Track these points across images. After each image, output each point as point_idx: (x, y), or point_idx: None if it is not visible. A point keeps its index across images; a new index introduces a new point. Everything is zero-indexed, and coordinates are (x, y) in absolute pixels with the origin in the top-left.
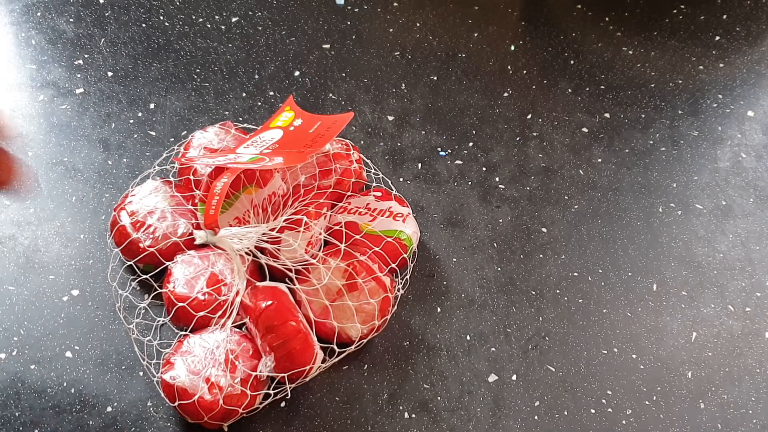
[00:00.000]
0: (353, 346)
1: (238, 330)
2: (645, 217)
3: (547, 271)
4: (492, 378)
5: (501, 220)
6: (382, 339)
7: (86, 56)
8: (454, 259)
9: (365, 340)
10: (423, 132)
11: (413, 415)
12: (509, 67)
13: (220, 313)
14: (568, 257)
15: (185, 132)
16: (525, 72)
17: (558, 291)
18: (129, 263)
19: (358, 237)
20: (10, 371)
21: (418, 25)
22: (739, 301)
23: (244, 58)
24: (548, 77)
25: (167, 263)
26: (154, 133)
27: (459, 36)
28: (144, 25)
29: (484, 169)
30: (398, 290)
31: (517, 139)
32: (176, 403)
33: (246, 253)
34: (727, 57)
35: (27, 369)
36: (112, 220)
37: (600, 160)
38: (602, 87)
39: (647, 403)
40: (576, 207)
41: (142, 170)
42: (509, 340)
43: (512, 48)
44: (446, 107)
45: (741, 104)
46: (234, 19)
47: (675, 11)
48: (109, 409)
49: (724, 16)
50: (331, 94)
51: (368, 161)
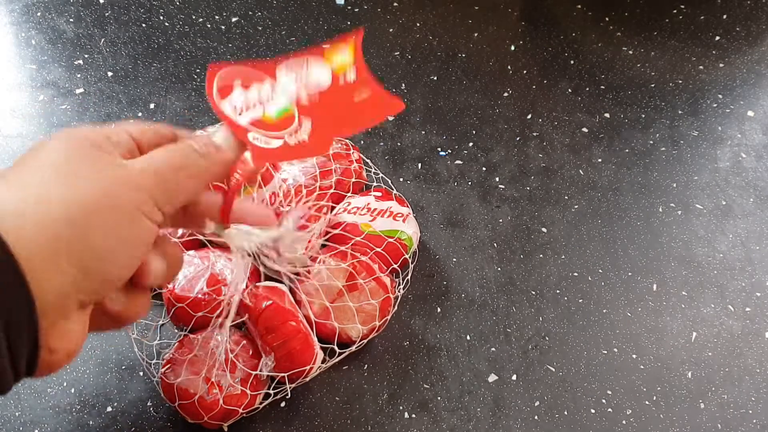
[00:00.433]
0: (354, 347)
1: (238, 330)
2: (645, 217)
3: (547, 271)
4: (492, 378)
5: (501, 220)
6: (382, 339)
7: (86, 56)
8: (454, 259)
9: (365, 341)
10: (423, 132)
11: (413, 415)
12: (509, 67)
13: (218, 312)
14: (568, 257)
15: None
16: (525, 72)
17: (558, 291)
18: None
19: (358, 238)
20: None
21: (418, 25)
22: (739, 301)
23: (244, 58)
24: (548, 77)
25: None
26: None
27: (459, 36)
28: (144, 25)
29: (484, 169)
30: (398, 290)
31: (517, 139)
32: (176, 403)
33: (248, 254)
34: (727, 57)
35: None
36: None
37: (600, 160)
38: (602, 87)
39: (647, 403)
40: (576, 207)
41: None
42: (509, 340)
43: (512, 48)
44: (446, 107)
45: (741, 104)
46: (234, 19)
47: (675, 11)
48: (109, 409)
49: (724, 16)
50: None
51: (368, 161)
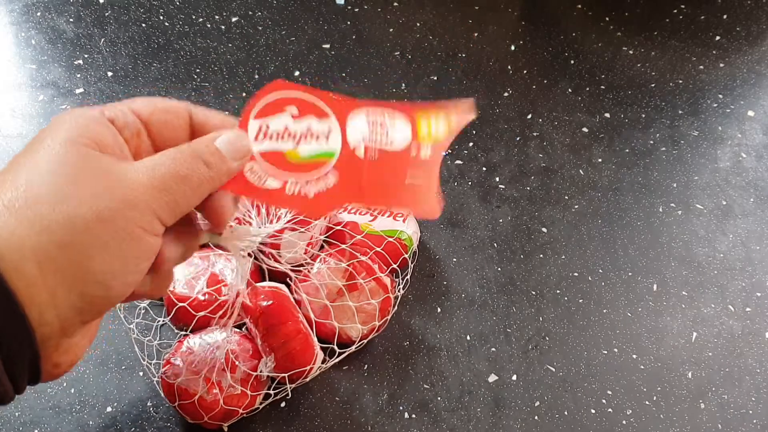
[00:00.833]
0: (354, 347)
1: (238, 330)
2: (645, 217)
3: (547, 271)
4: (492, 378)
5: (501, 220)
6: (382, 339)
7: (86, 56)
8: (454, 259)
9: (365, 341)
10: None
11: (413, 415)
12: (509, 67)
13: (220, 313)
14: (568, 257)
15: None
16: (525, 72)
17: (558, 291)
18: None
19: (358, 237)
20: None
21: (418, 25)
22: (740, 301)
23: (244, 58)
24: (548, 77)
25: None
26: None
27: (459, 36)
28: (144, 25)
29: (484, 169)
30: (398, 290)
31: (517, 139)
32: (176, 404)
33: (248, 254)
34: (728, 57)
35: None
36: None
37: (600, 160)
38: (602, 87)
39: (647, 403)
40: (576, 207)
41: None
42: (509, 340)
43: (512, 48)
44: None
45: (741, 104)
46: (234, 19)
47: (675, 11)
48: (109, 409)
49: (725, 16)
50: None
51: None
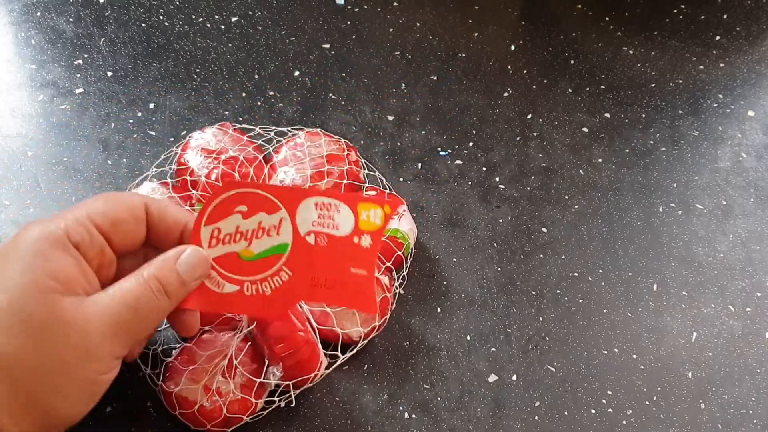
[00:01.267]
0: (355, 348)
1: (240, 336)
2: (645, 217)
3: (547, 271)
4: (492, 378)
5: (501, 220)
6: (382, 339)
7: (86, 56)
8: (454, 259)
9: (366, 341)
10: (423, 132)
11: (413, 415)
12: (509, 67)
13: (219, 319)
14: (568, 257)
15: (185, 132)
16: (525, 72)
17: (558, 291)
18: None
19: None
20: None
21: (418, 25)
22: (740, 301)
23: (244, 58)
24: (548, 77)
25: None
26: (153, 133)
27: (459, 36)
28: (144, 25)
29: (484, 169)
30: (396, 288)
31: (517, 139)
32: (177, 412)
33: None
34: (728, 57)
35: None
36: None
37: (600, 160)
38: (602, 87)
39: (647, 403)
40: (576, 207)
41: (142, 170)
42: (509, 340)
43: (512, 48)
44: (446, 107)
45: (741, 104)
46: (234, 19)
47: (675, 11)
48: (109, 409)
49: (725, 16)
50: (331, 94)
51: (364, 161)
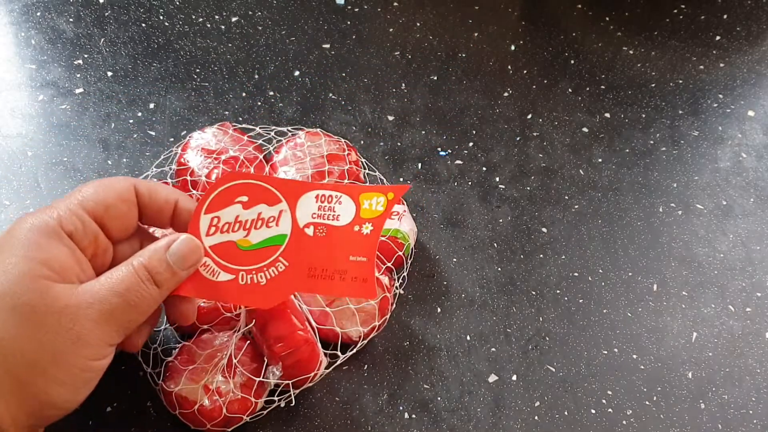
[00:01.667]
0: (355, 348)
1: (239, 335)
2: (645, 217)
3: (547, 271)
4: (492, 378)
5: (501, 220)
6: (382, 339)
7: (86, 56)
8: (454, 259)
9: (366, 341)
10: (423, 132)
11: (413, 416)
12: (509, 67)
13: (218, 319)
14: (568, 257)
15: (185, 132)
16: (525, 72)
17: (558, 291)
18: None
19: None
20: None
21: (418, 25)
22: (740, 302)
23: (244, 58)
24: (548, 77)
25: None
26: (153, 133)
27: (459, 36)
28: (144, 25)
29: (484, 169)
30: (397, 289)
31: (518, 139)
32: (177, 412)
33: None
34: (728, 57)
35: None
36: None
37: (600, 160)
38: (602, 87)
39: (647, 403)
40: (576, 207)
41: (142, 170)
42: (509, 340)
43: (512, 48)
44: (446, 107)
45: (741, 104)
46: (234, 19)
47: (675, 11)
48: (109, 409)
49: (725, 16)
50: (331, 94)
51: (364, 161)
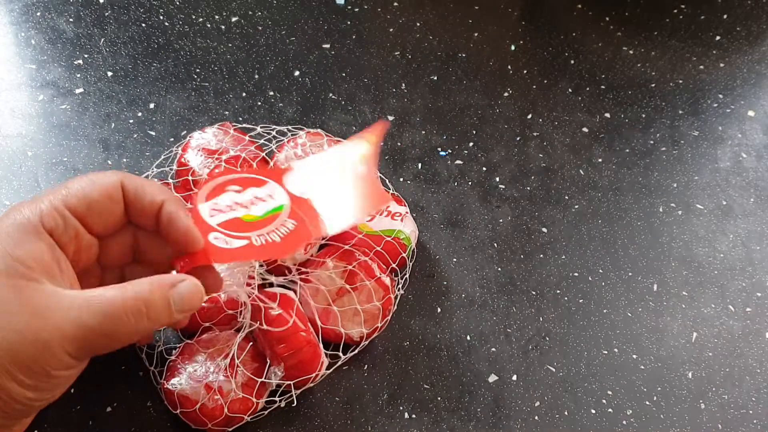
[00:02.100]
0: (357, 349)
1: (241, 335)
2: (645, 217)
3: (547, 271)
4: (492, 378)
5: (501, 220)
6: (382, 339)
7: (86, 56)
8: (454, 259)
9: (367, 342)
10: (423, 132)
11: (413, 415)
12: (509, 67)
13: (220, 317)
14: (568, 257)
15: (185, 132)
16: (525, 72)
17: (558, 291)
18: None
19: (360, 236)
20: None
21: (418, 25)
22: (740, 302)
23: (244, 58)
24: (548, 77)
25: None
26: (153, 133)
27: (459, 36)
28: (144, 25)
29: (484, 169)
30: (398, 290)
31: (518, 139)
32: (178, 411)
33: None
34: (728, 57)
35: None
36: None
37: (600, 160)
38: (602, 87)
39: (648, 403)
40: (576, 207)
41: (142, 170)
42: (509, 340)
43: (512, 48)
44: (446, 107)
45: (742, 104)
46: (234, 19)
47: (675, 11)
48: (108, 409)
49: (725, 16)
50: (331, 94)
51: None
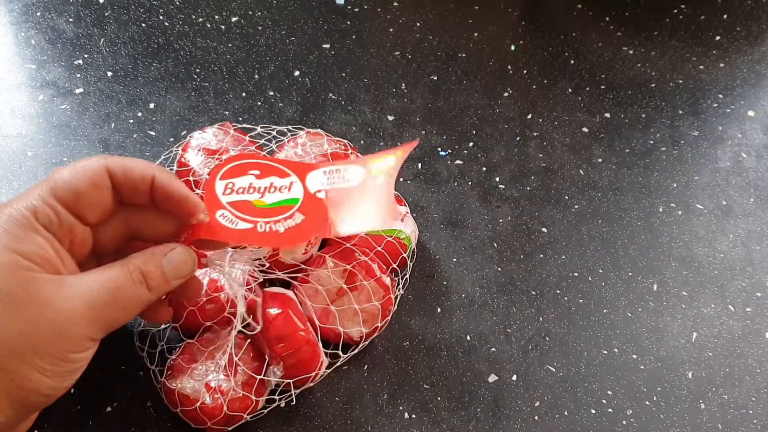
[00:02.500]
0: (357, 349)
1: (240, 334)
2: (645, 217)
3: (547, 271)
4: (492, 378)
5: (501, 220)
6: (382, 339)
7: (86, 56)
8: (454, 259)
9: (367, 342)
10: (423, 132)
11: (413, 415)
12: (509, 67)
13: (221, 317)
14: (568, 257)
15: (185, 132)
16: (525, 72)
17: (558, 291)
18: None
19: (360, 235)
20: None
21: (418, 25)
22: (740, 302)
23: (244, 58)
24: (548, 77)
25: None
26: (153, 133)
27: (459, 36)
28: (144, 25)
29: (484, 169)
30: (398, 290)
31: (517, 139)
32: (178, 409)
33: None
34: (728, 57)
35: None
36: None
37: (600, 160)
38: (602, 87)
39: (647, 403)
40: (576, 207)
41: None
42: (509, 340)
43: (512, 48)
44: (446, 107)
45: (741, 104)
46: (234, 19)
47: (675, 11)
48: (108, 409)
49: (725, 16)
50: (331, 94)
51: None
